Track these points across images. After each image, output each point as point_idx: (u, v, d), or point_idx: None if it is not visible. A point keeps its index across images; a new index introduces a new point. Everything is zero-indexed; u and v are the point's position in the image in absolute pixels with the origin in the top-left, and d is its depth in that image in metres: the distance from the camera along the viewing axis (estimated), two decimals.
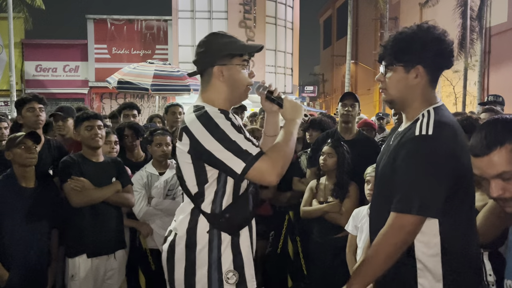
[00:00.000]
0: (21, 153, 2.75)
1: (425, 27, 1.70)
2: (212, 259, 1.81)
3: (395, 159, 1.66)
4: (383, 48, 1.76)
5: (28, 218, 2.77)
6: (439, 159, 1.57)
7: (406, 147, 1.62)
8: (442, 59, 1.72)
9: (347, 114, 3.66)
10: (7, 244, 2.72)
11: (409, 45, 1.68)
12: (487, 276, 2.58)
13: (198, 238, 1.82)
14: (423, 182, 1.57)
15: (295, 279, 4.11)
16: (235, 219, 1.83)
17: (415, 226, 1.59)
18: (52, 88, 20.16)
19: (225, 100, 1.88)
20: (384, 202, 1.71)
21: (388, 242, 1.62)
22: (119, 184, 3.09)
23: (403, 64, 1.70)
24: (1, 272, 2.69)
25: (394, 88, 1.74)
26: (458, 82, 17.58)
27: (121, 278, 3.21)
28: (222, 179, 1.80)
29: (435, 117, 1.64)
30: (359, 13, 29.26)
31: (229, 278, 1.82)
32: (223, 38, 1.88)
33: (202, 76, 1.91)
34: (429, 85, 1.73)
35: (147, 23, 21.28)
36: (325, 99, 36.60)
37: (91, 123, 3.02)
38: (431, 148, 1.58)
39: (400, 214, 1.59)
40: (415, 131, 1.62)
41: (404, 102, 1.76)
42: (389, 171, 1.69)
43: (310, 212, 3.44)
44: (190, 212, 1.85)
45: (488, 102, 5.50)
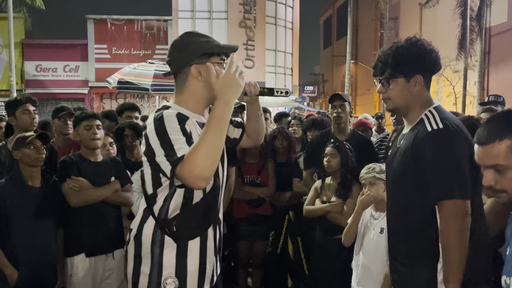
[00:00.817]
0: (30, 153, 2.78)
1: (416, 41, 1.96)
2: (153, 261, 1.78)
3: (415, 156, 1.85)
4: (382, 63, 1.98)
5: (35, 217, 2.79)
6: (457, 147, 1.80)
7: (426, 142, 1.82)
8: (435, 66, 1.98)
9: (338, 116, 3.67)
10: (15, 243, 2.74)
11: (407, 58, 1.92)
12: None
13: (143, 239, 1.80)
14: (452, 168, 1.77)
15: (295, 279, 4.11)
16: (182, 228, 1.78)
17: (465, 208, 1.76)
18: (52, 88, 20.17)
19: (200, 99, 1.82)
20: (405, 194, 1.91)
21: (452, 233, 1.75)
22: (118, 184, 3.09)
23: (404, 75, 1.93)
24: (11, 271, 2.71)
25: (398, 97, 1.96)
26: (458, 82, 17.59)
27: (119, 278, 3.21)
28: (173, 184, 1.74)
29: (439, 115, 1.88)
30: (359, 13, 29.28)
31: (167, 284, 1.77)
32: (200, 37, 1.83)
33: (177, 76, 1.84)
34: (425, 89, 1.97)
35: (147, 23, 21.29)
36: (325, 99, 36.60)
37: (90, 123, 3.02)
38: (449, 138, 1.81)
39: (446, 201, 1.76)
40: (426, 128, 1.84)
41: (407, 108, 1.98)
42: (408, 168, 1.88)
43: (312, 211, 3.44)
44: (143, 211, 1.84)
45: (489, 102, 5.51)
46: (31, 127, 3.31)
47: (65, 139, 3.77)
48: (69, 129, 3.71)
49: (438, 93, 20.07)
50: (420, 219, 1.88)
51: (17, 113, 3.33)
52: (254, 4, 21.65)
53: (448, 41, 17.32)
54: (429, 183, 1.81)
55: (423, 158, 1.82)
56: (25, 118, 3.31)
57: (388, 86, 1.96)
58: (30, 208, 2.79)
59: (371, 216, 2.85)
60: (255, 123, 2.05)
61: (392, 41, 2.05)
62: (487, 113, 4.05)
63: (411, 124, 1.97)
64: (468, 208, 1.77)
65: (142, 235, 1.80)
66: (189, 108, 1.80)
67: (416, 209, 1.89)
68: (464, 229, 1.76)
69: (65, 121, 3.71)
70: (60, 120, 3.73)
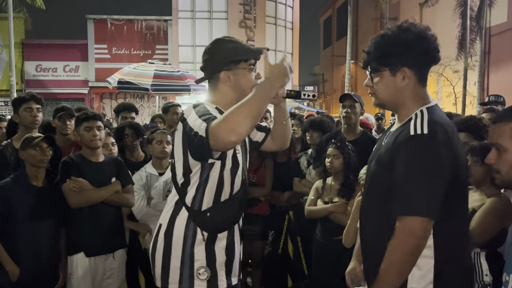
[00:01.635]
0: (36, 154, 2.83)
1: (405, 27, 1.69)
2: (185, 253, 1.85)
3: (391, 160, 1.63)
4: (366, 54, 1.76)
5: (39, 216, 2.84)
6: (437, 159, 1.55)
7: (403, 148, 1.59)
8: (427, 57, 1.70)
9: (347, 116, 3.69)
10: (18, 241, 2.77)
11: (392, 48, 1.67)
12: (483, 276, 2.58)
13: (175, 231, 1.87)
14: (425, 183, 1.54)
15: (295, 279, 4.12)
16: (216, 221, 1.87)
17: (424, 230, 1.54)
18: (52, 88, 20.16)
19: (230, 102, 1.89)
20: (377, 200, 1.72)
21: (401, 251, 1.56)
22: (118, 185, 3.09)
23: (388, 68, 1.70)
24: (13, 267, 2.75)
25: (383, 92, 1.74)
26: (458, 82, 17.57)
27: (120, 278, 3.22)
28: (204, 173, 1.84)
29: (429, 117, 1.62)
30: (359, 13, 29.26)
31: (200, 274, 1.85)
32: (228, 44, 1.93)
33: (209, 82, 1.97)
34: (418, 84, 1.71)
35: (147, 23, 21.28)
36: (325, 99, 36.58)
37: (90, 124, 3.03)
38: (429, 148, 1.56)
39: (408, 217, 1.54)
40: (409, 130, 1.60)
41: (396, 104, 1.76)
42: (383, 171, 1.67)
43: (315, 212, 3.44)
44: (174, 203, 1.91)
45: (489, 102, 5.51)
46: (32, 124, 3.34)
47: (66, 139, 3.77)
48: (68, 129, 3.72)
49: (438, 93, 20.06)
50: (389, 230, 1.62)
51: (20, 111, 3.36)
52: (254, 4, 21.64)
53: (448, 41, 17.31)
54: (396, 194, 1.58)
55: (398, 163, 1.59)
56: (26, 115, 3.34)
57: (372, 79, 1.76)
58: (34, 207, 2.83)
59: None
60: (281, 126, 2.11)
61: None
62: (488, 113, 4.05)
63: (401, 122, 1.74)
64: (429, 230, 1.55)
65: (174, 228, 1.87)
66: (221, 108, 1.91)
67: (386, 219, 1.65)
68: (416, 252, 1.56)
69: (64, 122, 3.71)
70: (59, 121, 3.74)
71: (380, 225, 1.70)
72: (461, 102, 17.18)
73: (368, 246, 1.81)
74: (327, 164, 3.39)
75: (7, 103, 18.65)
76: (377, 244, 1.69)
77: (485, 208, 2.59)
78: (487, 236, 2.58)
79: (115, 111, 4.94)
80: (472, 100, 17.09)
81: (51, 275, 2.94)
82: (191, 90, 7.45)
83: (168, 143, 3.50)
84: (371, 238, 1.78)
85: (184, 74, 7.78)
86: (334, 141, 3.45)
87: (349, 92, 10.69)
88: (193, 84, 7.53)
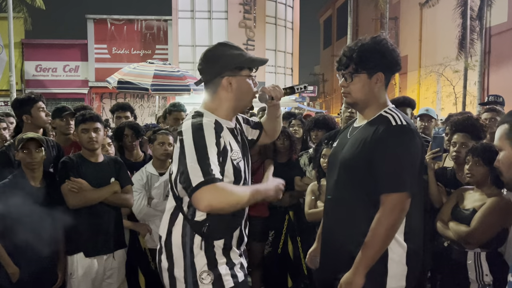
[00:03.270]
0: (24, 157, 2.83)
1: (380, 40, 2.00)
2: (186, 262, 1.85)
3: (372, 149, 1.88)
4: (347, 58, 2.01)
5: (37, 216, 2.82)
6: (415, 145, 1.88)
7: (388, 134, 1.88)
8: (396, 66, 2.03)
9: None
10: (17, 242, 2.76)
11: (371, 55, 1.96)
12: (483, 276, 2.58)
13: (173, 241, 1.87)
14: (407, 164, 1.86)
15: (295, 279, 4.11)
16: (216, 229, 1.85)
17: (407, 203, 1.85)
18: (52, 88, 20.16)
19: (228, 109, 1.91)
20: (351, 187, 1.97)
21: (385, 223, 1.83)
22: (117, 185, 3.09)
23: (367, 71, 1.98)
24: (13, 269, 2.76)
25: (359, 92, 2.01)
26: (458, 82, 17.56)
27: (120, 278, 3.22)
28: None
29: (400, 114, 1.96)
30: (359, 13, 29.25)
31: (203, 279, 1.84)
32: (233, 50, 1.92)
33: (207, 85, 1.93)
34: (384, 87, 2.04)
35: (147, 23, 21.28)
36: (325, 99, 36.58)
37: (87, 126, 3.02)
38: (409, 135, 1.88)
39: (393, 194, 1.83)
40: (390, 122, 1.91)
41: (366, 104, 2.03)
42: (360, 160, 1.92)
43: (318, 214, 3.42)
44: (171, 211, 1.91)
45: (489, 103, 5.50)
46: (45, 124, 3.37)
47: (66, 139, 3.77)
48: (71, 129, 3.72)
49: (438, 93, 20.06)
50: (362, 214, 1.92)
51: (33, 111, 3.35)
52: (254, 4, 21.65)
53: (448, 41, 17.33)
54: (380, 174, 1.86)
55: (382, 148, 1.86)
56: (41, 115, 3.35)
57: (351, 80, 2.00)
58: (32, 207, 2.81)
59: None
60: (274, 122, 2.24)
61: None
62: (489, 112, 4.04)
63: (367, 119, 2.02)
64: (408, 205, 1.85)
65: (172, 237, 1.87)
66: (220, 115, 1.90)
67: (359, 203, 1.94)
68: (398, 223, 1.85)
69: (67, 121, 3.71)
70: (62, 120, 3.73)
71: (360, 203, 1.95)
72: (461, 102, 17.17)
73: (337, 232, 2.04)
74: (323, 164, 3.39)
75: (7, 103, 18.65)
76: (349, 230, 1.96)
77: (485, 208, 2.59)
78: (487, 236, 2.57)
79: (111, 111, 4.95)
80: (472, 100, 17.08)
81: (50, 275, 2.94)
82: (191, 90, 7.44)
83: (170, 144, 3.50)
84: (346, 217, 2.00)
85: (184, 74, 7.77)
86: (329, 141, 3.45)
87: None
88: (193, 84, 7.52)
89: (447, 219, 2.77)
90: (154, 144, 3.52)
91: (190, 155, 1.71)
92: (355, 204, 1.96)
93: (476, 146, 2.78)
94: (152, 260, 3.49)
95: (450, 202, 2.86)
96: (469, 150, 2.81)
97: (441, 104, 19.58)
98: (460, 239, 2.63)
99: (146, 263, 3.49)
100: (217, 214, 1.81)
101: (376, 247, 1.84)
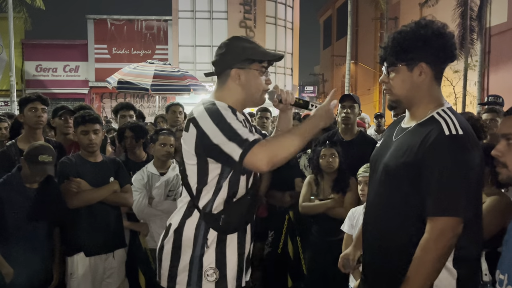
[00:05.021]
0: (33, 175, 2.78)
1: (423, 23, 1.69)
2: (194, 254, 1.83)
3: (417, 159, 1.61)
4: (383, 49, 1.75)
5: (32, 217, 2.81)
6: (474, 161, 1.57)
7: (440, 147, 1.57)
8: (444, 53, 1.69)
9: (346, 116, 3.71)
10: (11, 243, 2.76)
11: (410, 43, 1.66)
12: (482, 276, 2.58)
13: (185, 232, 1.85)
14: (463, 183, 1.55)
15: (295, 279, 4.11)
16: (231, 222, 1.85)
17: (457, 229, 1.55)
18: (52, 88, 20.18)
19: (236, 101, 1.89)
20: (397, 193, 1.68)
21: (433, 251, 1.55)
22: (116, 184, 3.09)
23: (406, 63, 1.69)
24: (7, 270, 2.73)
25: (400, 88, 1.73)
26: (458, 82, 17.56)
27: (120, 277, 3.22)
28: (222, 179, 1.82)
29: (456, 119, 1.63)
30: (359, 13, 29.25)
31: (208, 275, 1.83)
32: (245, 43, 1.92)
33: (219, 77, 1.93)
34: (434, 81, 1.72)
35: (147, 23, 21.29)
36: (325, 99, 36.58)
37: (87, 128, 3.02)
38: (466, 149, 1.57)
39: (443, 217, 1.55)
40: (443, 130, 1.59)
41: (411, 101, 1.74)
42: (405, 171, 1.65)
43: (312, 208, 3.43)
44: (186, 205, 1.89)
45: (488, 103, 5.51)
46: (37, 125, 3.34)
47: (66, 138, 3.77)
48: (70, 127, 3.72)
49: None
50: (404, 228, 1.66)
51: (25, 110, 3.35)
52: (254, 4, 21.65)
53: None
54: (428, 193, 1.57)
55: (432, 163, 1.57)
56: (31, 115, 3.33)
57: (388, 75, 1.75)
58: (27, 208, 2.79)
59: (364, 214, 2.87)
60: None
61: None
62: (489, 113, 4.05)
63: (416, 120, 1.73)
64: (460, 230, 1.57)
65: (185, 228, 1.86)
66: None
67: (403, 215, 1.67)
68: (448, 251, 1.58)
69: (66, 120, 3.72)
70: (61, 119, 3.74)
71: (404, 217, 1.68)
72: (461, 102, 17.17)
73: (383, 239, 1.76)
74: (324, 163, 3.41)
75: (7, 103, 18.65)
76: (398, 237, 1.69)
77: (485, 206, 2.58)
78: (486, 235, 2.56)
79: (114, 111, 4.94)
80: (472, 100, 17.08)
81: (46, 276, 2.92)
82: (191, 90, 7.45)
83: (171, 145, 3.51)
84: (388, 229, 1.74)
85: (184, 74, 7.78)
86: (328, 141, 3.50)
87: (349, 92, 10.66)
88: (193, 84, 7.53)
89: None
90: (156, 145, 3.53)
91: (217, 138, 1.71)
92: (397, 218, 1.69)
93: None
94: (153, 260, 3.50)
95: None
96: None
97: None
98: None
99: (147, 263, 3.49)
100: (233, 207, 1.83)
101: (423, 277, 1.56)
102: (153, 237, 3.48)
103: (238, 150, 1.67)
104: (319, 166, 3.46)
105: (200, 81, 8.09)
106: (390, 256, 1.70)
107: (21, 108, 3.41)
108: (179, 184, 3.52)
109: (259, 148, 1.67)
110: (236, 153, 1.67)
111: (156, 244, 3.41)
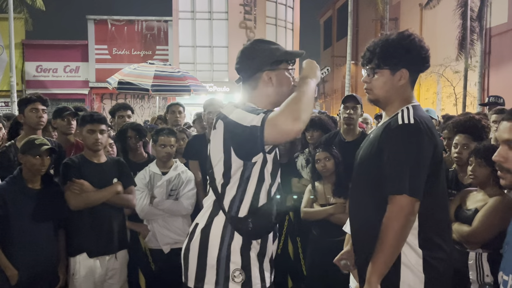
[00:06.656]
0: (35, 163, 2.80)
1: (407, 35, 1.91)
2: (221, 255, 1.83)
3: (380, 148, 1.82)
4: (370, 52, 1.94)
5: (35, 219, 2.81)
6: (421, 145, 1.76)
7: (393, 134, 1.80)
8: (422, 63, 1.93)
9: (349, 117, 3.72)
10: (15, 244, 2.76)
11: (395, 50, 1.88)
12: (484, 277, 2.58)
13: (212, 231, 1.85)
14: (412, 166, 1.74)
15: (295, 279, 4.11)
16: (257, 227, 1.84)
17: (412, 207, 1.74)
18: (53, 88, 20.18)
19: (269, 103, 1.90)
20: (366, 188, 1.91)
21: (392, 227, 1.73)
22: (119, 185, 3.08)
23: (390, 67, 1.90)
24: (12, 271, 2.74)
25: (380, 89, 1.94)
26: (459, 82, 17.55)
27: (122, 278, 3.21)
28: (247, 173, 1.81)
29: (414, 111, 1.85)
30: (359, 14, 29.25)
31: (235, 277, 1.83)
32: (270, 45, 1.93)
33: (247, 82, 1.92)
34: (409, 86, 1.94)
35: (148, 24, 21.30)
36: (325, 99, 36.57)
37: (94, 127, 3.02)
38: (415, 134, 1.77)
39: (396, 196, 1.74)
40: (397, 120, 1.81)
41: (387, 101, 1.96)
42: (372, 159, 1.86)
43: (314, 214, 3.43)
44: (213, 204, 1.88)
45: (489, 103, 5.51)
46: (37, 125, 3.36)
47: (67, 140, 3.77)
48: (72, 129, 3.72)
49: (438, 93, 20.04)
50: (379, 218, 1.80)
51: (25, 111, 3.36)
52: (255, 5, 21.65)
53: (448, 41, 17.32)
54: (386, 176, 1.78)
55: (387, 148, 1.79)
56: (32, 116, 3.34)
57: (372, 76, 1.94)
58: (30, 209, 2.81)
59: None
60: None
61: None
62: (498, 115, 4.05)
63: (387, 117, 1.95)
64: (416, 209, 1.74)
65: (212, 226, 1.85)
66: None
67: (375, 206, 1.83)
68: (406, 227, 1.74)
69: (69, 121, 3.72)
70: (63, 120, 3.74)
71: (377, 200, 1.83)
72: (461, 102, 17.16)
73: (358, 233, 1.98)
74: (319, 167, 3.44)
75: (7, 103, 18.65)
76: (368, 230, 1.86)
77: (487, 207, 2.58)
78: (488, 235, 2.56)
79: (111, 112, 4.94)
80: (472, 101, 17.07)
81: (50, 277, 2.93)
82: (191, 91, 7.45)
83: (172, 146, 3.51)
84: (365, 215, 1.92)
85: (184, 74, 7.78)
86: (321, 145, 3.52)
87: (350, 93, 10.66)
88: (193, 84, 7.53)
89: (451, 221, 2.76)
90: (156, 146, 3.53)
91: (240, 115, 1.74)
92: (371, 203, 1.88)
93: (479, 147, 2.77)
94: (153, 260, 3.50)
95: (453, 203, 2.85)
96: (472, 151, 2.80)
97: (442, 105, 19.57)
98: (462, 239, 2.62)
99: (147, 264, 3.49)
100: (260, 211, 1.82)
101: (386, 251, 1.74)
102: (155, 237, 3.48)
103: (260, 116, 1.67)
104: (316, 170, 3.48)
105: (200, 82, 8.09)
106: (369, 240, 1.83)
107: (21, 109, 3.41)
108: (180, 184, 3.52)
109: (281, 111, 1.67)
110: (258, 119, 1.66)
111: (159, 244, 3.44)
